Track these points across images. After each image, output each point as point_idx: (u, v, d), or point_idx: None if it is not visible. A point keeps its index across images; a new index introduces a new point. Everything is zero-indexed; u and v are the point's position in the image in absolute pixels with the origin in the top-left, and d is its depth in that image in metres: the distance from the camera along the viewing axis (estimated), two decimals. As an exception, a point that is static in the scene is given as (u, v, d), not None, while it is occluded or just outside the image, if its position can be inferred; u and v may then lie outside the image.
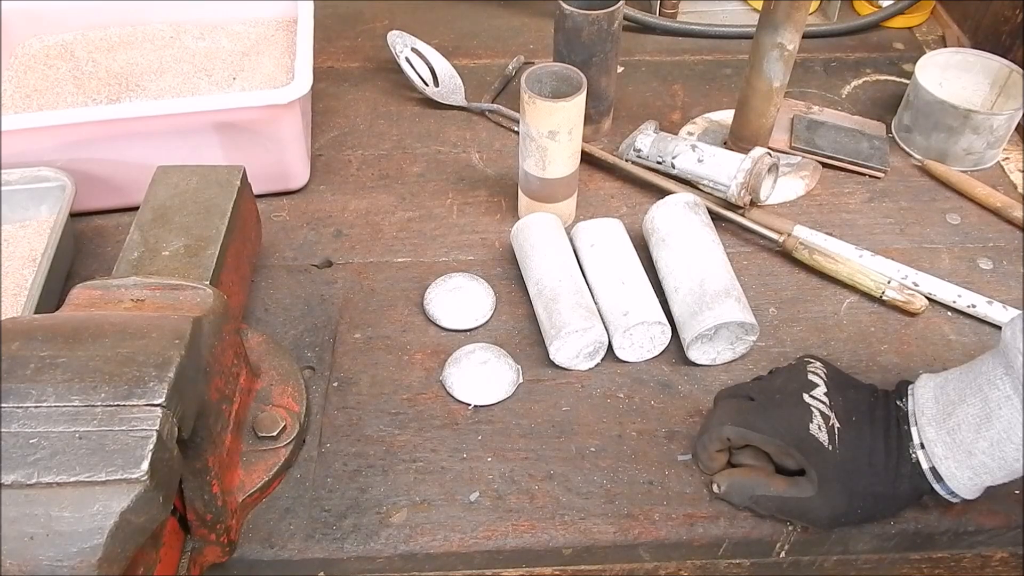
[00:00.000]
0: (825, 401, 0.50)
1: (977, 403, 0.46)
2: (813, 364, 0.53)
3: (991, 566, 0.56)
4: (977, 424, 0.45)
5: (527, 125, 0.63)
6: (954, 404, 0.47)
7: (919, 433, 0.48)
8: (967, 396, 0.46)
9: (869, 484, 0.49)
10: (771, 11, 0.66)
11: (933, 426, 0.47)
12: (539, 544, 0.52)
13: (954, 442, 0.46)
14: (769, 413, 0.51)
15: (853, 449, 0.49)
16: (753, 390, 0.53)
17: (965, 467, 0.46)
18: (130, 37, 0.83)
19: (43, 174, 0.66)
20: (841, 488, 0.49)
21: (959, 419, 0.46)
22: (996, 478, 0.47)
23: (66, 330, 0.42)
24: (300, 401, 0.56)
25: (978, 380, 0.46)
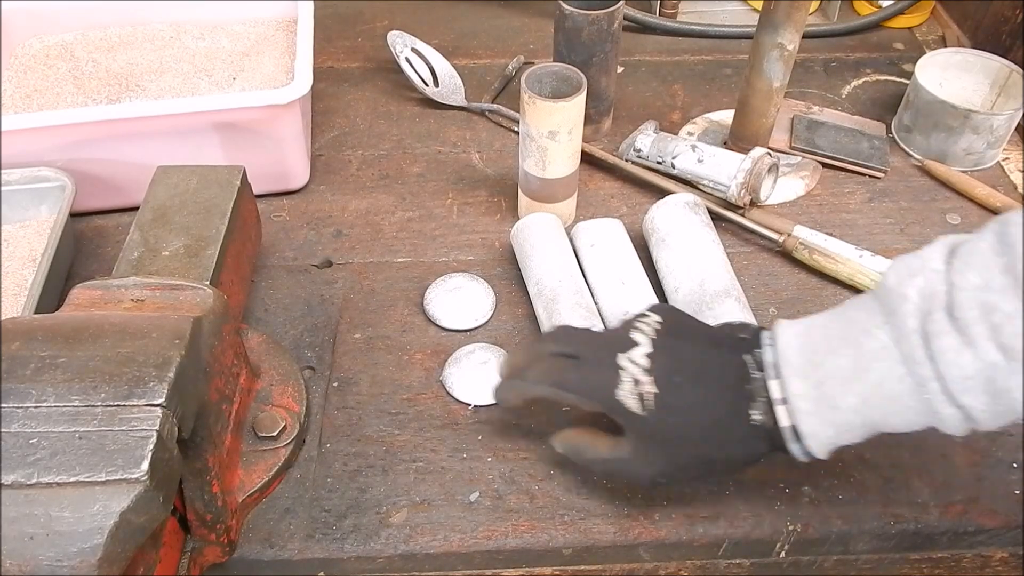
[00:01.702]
0: (642, 364, 0.46)
1: (850, 354, 0.42)
2: (646, 319, 0.49)
3: (991, 566, 0.56)
4: (847, 378, 0.42)
5: (527, 125, 0.63)
6: (823, 355, 0.43)
7: (781, 387, 0.43)
8: (838, 346, 0.42)
9: (692, 448, 0.46)
10: (771, 11, 0.66)
11: (799, 378, 0.43)
12: (539, 544, 0.52)
13: (820, 397, 0.42)
14: (581, 374, 0.48)
15: (672, 414, 0.46)
16: (579, 344, 0.50)
17: (828, 424, 0.43)
18: (130, 37, 0.83)
19: (43, 174, 0.66)
20: (658, 451, 0.46)
21: (827, 371, 0.42)
22: (856, 437, 0.43)
23: (66, 330, 0.42)
24: (300, 401, 0.56)
25: (851, 329, 0.42)
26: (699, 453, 0.46)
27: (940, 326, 0.38)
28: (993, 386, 0.38)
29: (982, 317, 0.38)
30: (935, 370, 0.39)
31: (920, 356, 0.39)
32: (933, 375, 0.39)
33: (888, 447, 0.56)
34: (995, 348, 0.37)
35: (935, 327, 0.39)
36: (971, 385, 0.38)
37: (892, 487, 0.54)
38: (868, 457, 0.55)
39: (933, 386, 0.39)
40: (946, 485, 0.54)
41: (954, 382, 0.39)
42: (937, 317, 0.39)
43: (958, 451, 0.56)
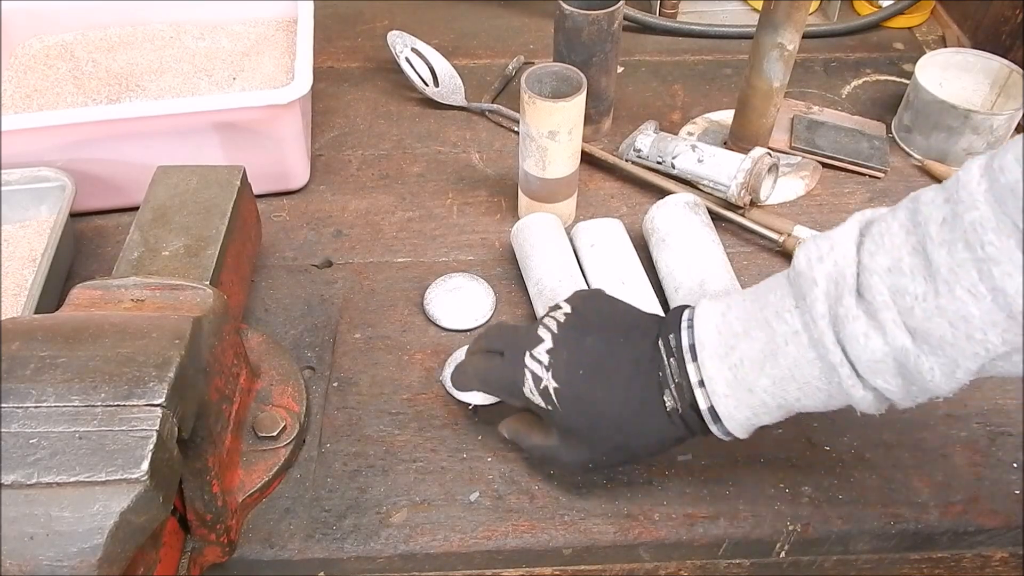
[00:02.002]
0: (543, 360, 0.47)
1: (763, 337, 0.41)
2: (555, 312, 0.49)
3: (991, 566, 0.56)
4: (761, 360, 0.41)
5: (527, 125, 0.63)
6: (738, 337, 0.42)
7: (699, 369, 0.43)
8: (751, 329, 0.42)
9: (607, 438, 0.46)
10: (771, 11, 0.66)
11: (715, 361, 0.43)
12: (539, 544, 0.52)
13: (736, 379, 0.42)
14: (498, 372, 0.50)
15: (578, 407, 0.46)
16: (503, 342, 0.51)
17: (745, 406, 0.42)
18: (130, 37, 0.83)
19: (43, 174, 0.66)
20: (577, 440, 0.47)
21: (742, 354, 0.42)
22: (772, 417, 0.43)
23: (66, 330, 0.42)
24: (300, 401, 0.56)
25: (764, 312, 0.42)
26: (615, 442, 0.47)
27: (849, 311, 0.38)
28: (904, 369, 0.37)
29: (892, 301, 0.37)
30: (845, 355, 0.38)
31: (830, 341, 0.39)
32: (843, 360, 0.39)
33: (888, 447, 0.56)
34: (904, 332, 0.37)
35: (844, 311, 0.38)
36: (882, 368, 0.38)
37: (892, 487, 0.54)
38: (868, 457, 0.55)
39: (844, 371, 0.39)
40: (946, 485, 0.54)
41: (864, 366, 0.38)
42: (846, 302, 0.38)
43: (958, 451, 0.56)
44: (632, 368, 0.46)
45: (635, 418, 0.45)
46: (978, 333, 0.35)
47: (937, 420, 0.57)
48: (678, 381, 0.44)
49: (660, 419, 0.45)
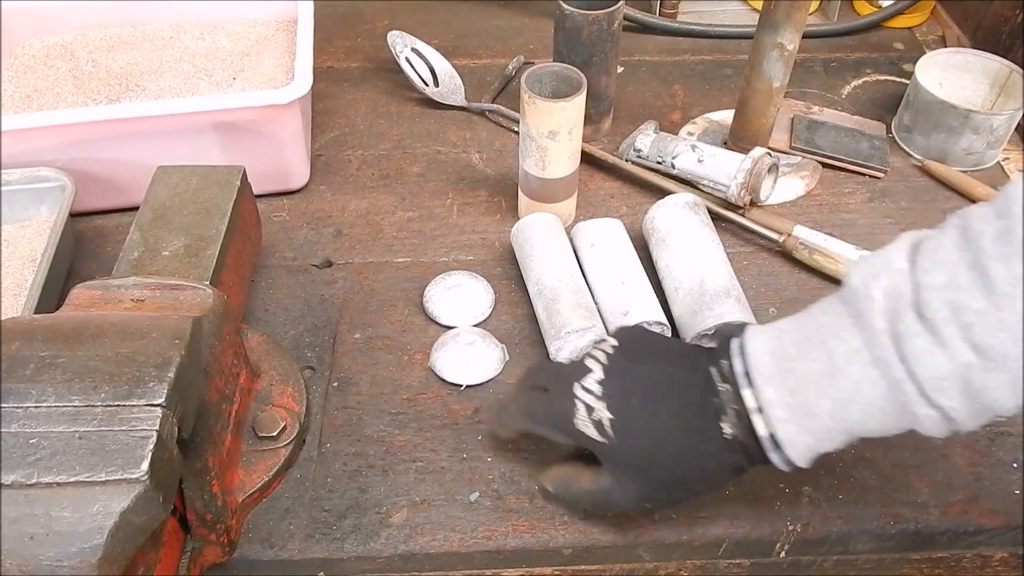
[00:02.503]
0: (595, 391, 0.46)
1: (821, 358, 0.40)
2: (602, 344, 0.49)
3: (991, 566, 0.56)
4: (821, 382, 0.40)
5: (527, 125, 0.63)
6: (794, 360, 0.41)
7: (755, 396, 0.42)
8: (809, 350, 0.41)
9: (664, 470, 0.45)
10: (771, 11, 0.66)
11: (772, 386, 0.42)
12: (539, 544, 0.52)
13: (796, 403, 0.41)
14: (546, 407, 0.49)
15: (633, 437, 0.45)
16: (547, 377, 0.50)
17: (807, 432, 0.41)
18: (130, 37, 0.83)
19: (43, 174, 0.66)
20: (632, 476, 0.45)
21: (801, 377, 0.41)
22: (835, 443, 0.42)
23: (66, 330, 0.42)
24: (300, 401, 0.56)
25: (820, 332, 0.41)
26: (673, 474, 0.45)
27: (910, 327, 0.38)
28: (969, 386, 0.37)
29: (952, 317, 0.37)
30: (908, 372, 0.38)
31: (892, 358, 0.38)
32: (907, 377, 0.38)
33: (888, 447, 0.56)
34: (968, 348, 0.36)
35: (905, 328, 0.38)
36: (947, 386, 0.37)
37: (892, 487, 0.54)
38: (868, 457, 0.55)
39: (908, 387, 0.38)
40: (946, 485, 0.54)
41: (929, 383, 0.38)
42: (906, 318, 0.38)
43: (958, 451, 0.56)
44: (687, 396, 0.44)
45: (694, 447, 0.44)
46: None
47: (937, 420, 0.57)
48: (737, 408, 0.43)
49: (719, 446, 0.43)
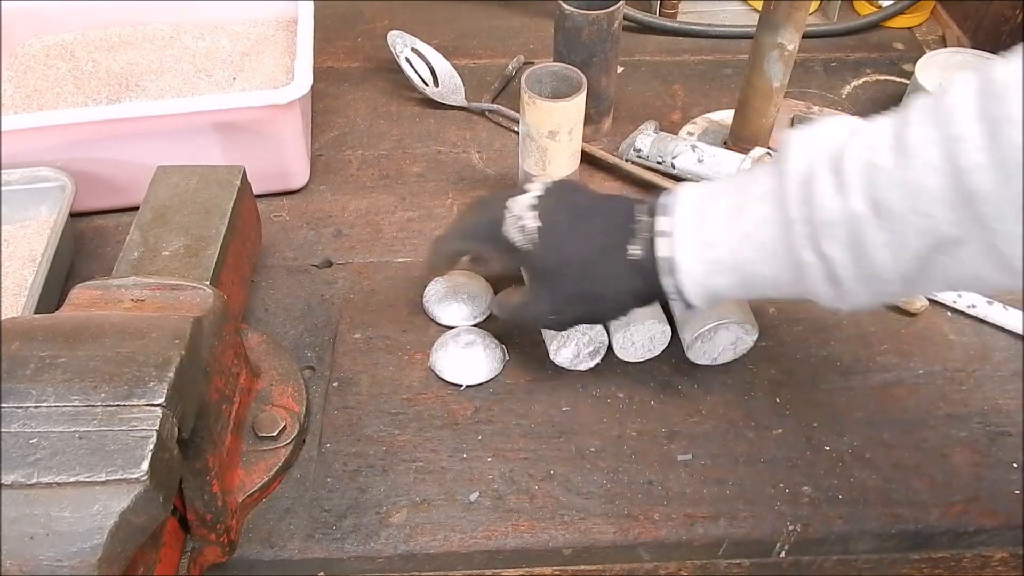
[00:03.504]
0: (528, 203, 0.50)
1: (736, 196, 0.44)
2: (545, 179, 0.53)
3: (991, 566, 0.56)
4: (729, 216, 0.43)
5: (527, 125, 0.63)
6: (714, 197, 0.45)
7: (668, 222, 0.46)
8: (729, 191, 0.44)
9: (572, 282, 0.49)
10: (771, 11, 0.66)
11: (685, 215, 0.45)
12: (539, 544, 0.52)
13: (700, 232, 0.44)
14: (475, 217, 0.54)
15: (552, 247, 0.49)
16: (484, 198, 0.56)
17: (701, 260, 0.44)
18: (130, 37, 0.83)
19: (43, 174, 0.66)
20: (544, 287, 0.50)
21: (712, 211, 0.44)
22: (727, 281, 0.44)
23: (66, 330, 0.42)
24: (300, 401, 0.56)
25: (745, 179, 0.44)
26: (580, 287, 0.49)
27: (822, 174, 0.40)
28: (856, 239, 0.39)
29: (862, 170, 0.39)
30: (804, 212, 0.40)
31: (794, 196, 0.41)
32: (801, 217, 0.40)
33: (888, 447, 0.56)
34: (865, 200, 0.38)
35: (817, 173, 0.40)
36: (834, 232, 0.39)
37: (892, 487, 0.54)
38: (868, 457, 0.55)
39: (799, 228, 0.40)
40: (946, 485, 0.54)
41: (820, 226, 0.40)
42: (821, 166, 0.40)
43: (958, 451, 0.56)
44: (609, 220, 0.48)
45: (601, 262, 0.47)
46: (928, 208, 0.36)
47: (937, 420, 0.57)
48: (648, 234, 0.46)
49: (623, 266, 0.47)
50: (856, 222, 0.39)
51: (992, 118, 0.34)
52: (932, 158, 0.36)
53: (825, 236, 0.40)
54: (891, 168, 0.37)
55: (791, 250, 0.41)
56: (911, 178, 0.37)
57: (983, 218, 0.35)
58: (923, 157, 0.36)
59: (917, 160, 0.37)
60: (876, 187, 0.38)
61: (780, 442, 0.56)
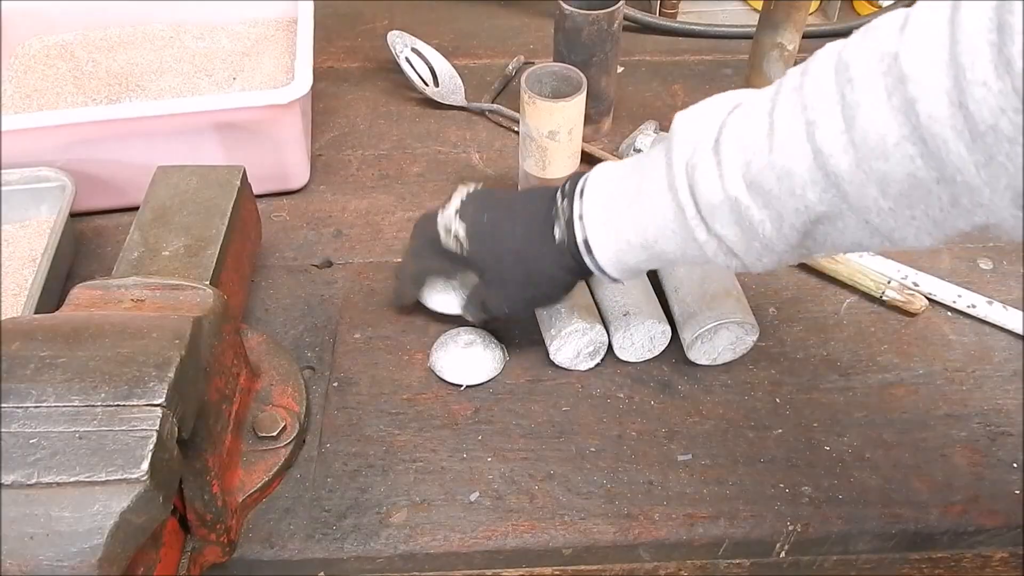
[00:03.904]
0: (452, 212, 0.54)
1: (635, 181, 0.46)
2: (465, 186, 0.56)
3: (991, 566, 0.56)
4: (630, 200, 0.46)
5: (527, 125, 0.63)
6: (616, 182, 0.48)
7: (581, 205, 0.49)
8: (630, 175, 0.47)
9: (510, 272, 0.52)
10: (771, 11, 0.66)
11: (593, 198, 0.48)
12: (539, 544, 0.52)
13: (607, 215, 0.47)
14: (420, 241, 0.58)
15: (483, 244, 0.53)
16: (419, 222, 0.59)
17: (613, 241, 0.47)
18: (130, 37, 0.83)
19: (43, 174, 0.66)
20: (491, 280, 0.54)
21: (616, 194, 0.47)
22: (637, 258, 0.47)
23: (66, 330, 0.42)
24: (300, 401, 0.56)
25: (643, 162, 0.47)
26: (518, 275, 0.52)
27: (703, 157, 0.42)
28: (740, 217, 0.41)
29: (738, 154, 0.40)
30: (691, 198, 0.42)
31: (682, 184, 0.43)
32: (690, 200, 0.42)
33: (888, 447, 0.56)
34: (741, 183, 0.40)
35: (699, 159, 0.42)
36: (720, 214, 0.41)
37: (892, 487, 0.54)
38: (868, 457, 0.55)
39: (689, 211, 0.43)
40: (946, 485, 0.54)
41: (705, 209, 0.42)
42: (703, 151, 0.42)
43: (958, 451, 0.56)
44: (531, 209, 0.52)
45: (531, 248, 0.51)
46: (799, 189, 0.38)
47: (937, 420, 0.57)
48: (567, 217, 0.49)
49: (551, 249, 0.50)
50: (737, 204, 0.40)
51: (847, 102, 0.36)
52: (797, 144, 0.38)
53: (713, 218, 0.42)
54: (764, 152, 0.39)
55: (687, 230, 0.43)
56: (781, 162, 0.38)
57: (848, 196, 0.37)
58: (789, 143, 0.38)
59: (785, 146, 0.38)
60: (751, 170, 0.40)
61: (780, 442, 0.56)
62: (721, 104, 0.44)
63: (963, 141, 0.32)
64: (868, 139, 0.35)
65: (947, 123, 0.32)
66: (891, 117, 0.34)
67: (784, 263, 0.43)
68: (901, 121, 0.34)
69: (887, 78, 0.34)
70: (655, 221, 0.45)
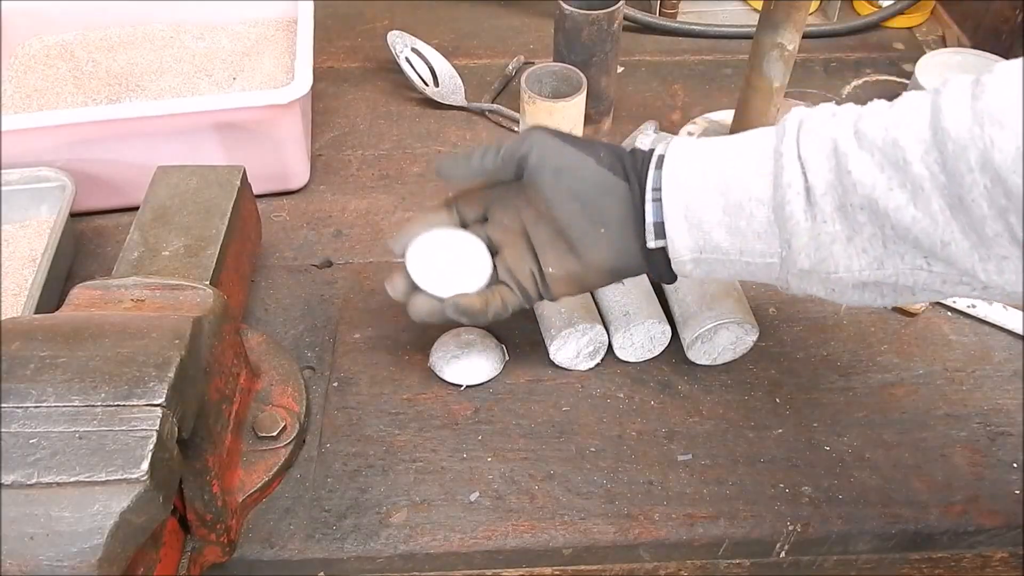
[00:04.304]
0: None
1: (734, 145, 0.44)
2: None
3: (991, 566, 0.56)
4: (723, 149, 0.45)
5: (527, 125, 0.63)
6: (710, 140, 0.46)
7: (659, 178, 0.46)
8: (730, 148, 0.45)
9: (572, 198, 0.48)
10: (771, 11, 0.66)
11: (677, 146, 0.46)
12: (539, 544, 0.52)
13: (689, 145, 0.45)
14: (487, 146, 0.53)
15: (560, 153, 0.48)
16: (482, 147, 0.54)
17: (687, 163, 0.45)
18: (130, 37, 0.83)
19: (43, 174, 0.66)
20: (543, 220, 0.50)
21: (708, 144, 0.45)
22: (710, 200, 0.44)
23: (66, 330, 0.42)
24: (300, 401, 0.56)
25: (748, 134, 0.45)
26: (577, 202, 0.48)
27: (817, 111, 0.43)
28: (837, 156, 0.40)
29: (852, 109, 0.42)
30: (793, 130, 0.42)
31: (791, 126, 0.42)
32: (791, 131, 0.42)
33: (888, 447, 0.56)
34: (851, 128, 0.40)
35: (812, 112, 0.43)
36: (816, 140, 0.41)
37: (892, 487, 0.54)
38: (868, 457, 0.55)
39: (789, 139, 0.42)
40: (946, 485, 0.54)
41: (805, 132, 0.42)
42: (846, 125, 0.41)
43: (958, 451, 0.56)
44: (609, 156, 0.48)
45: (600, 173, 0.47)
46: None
47: (937, 420, 0.57)
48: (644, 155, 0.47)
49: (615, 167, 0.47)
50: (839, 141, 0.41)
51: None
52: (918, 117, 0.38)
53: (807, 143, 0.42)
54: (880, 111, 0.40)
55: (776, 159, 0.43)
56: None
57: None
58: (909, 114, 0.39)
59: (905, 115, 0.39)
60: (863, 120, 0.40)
61: (780, 442, 0.56)
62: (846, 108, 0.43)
63: None
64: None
65: None
66: None
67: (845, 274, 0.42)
68: None
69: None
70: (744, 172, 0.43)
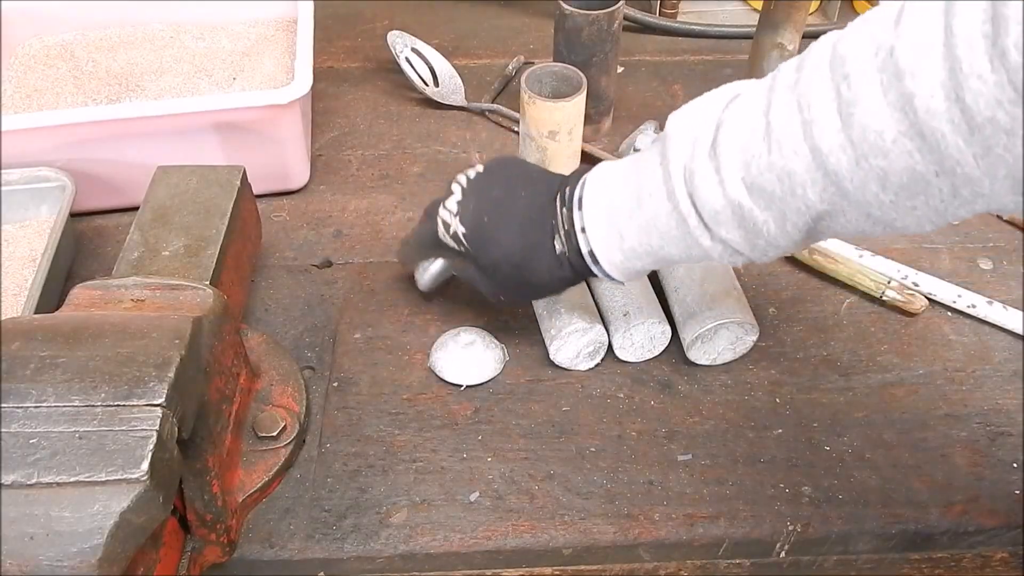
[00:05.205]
0: (452, 209, 0.54)
1: (632, 189, 0.46)
2: (467, 171, 0.56)
3: (991, 566, 0.56)
4: (630, 210, 0.46)
5: (527, 125, 0.63)
6: (615, 189, 0.47)
7: (582, 217, 0.48)
8: (627, 183, 0.46)
9: (508, 275, 0.52)
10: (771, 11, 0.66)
11: (594, 210, 0.48)
12: (539, 544, 0.52)
13: (609, 226, 0.47)
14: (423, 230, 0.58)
15: (482, 247, 0.52)
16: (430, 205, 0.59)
17: (617, 250, 0.47)
18: (130, 37, 0.83)
19: (43, 174, 0.66)
20: (487, 276, 0.54)
21: (616, 204, 0.47)
22: (643, 263, 0.48)
23: (66, 330, 0.42)
24: (300, 401, 0.56)
25: (638, 166, 0.46)
26: (515, 278, 0.52)
27: (701, 164, 0.41)
28: (743, 221, 0.41)
29: (737, 156, 0.40)
30: (693, 206, 0.42)
31: (682, 192, 0.42)
32: (692, 210, 0.42)
33: (888, 447, 0.56)
34: (742, 186, 0.40)
35: (697, 165, 0.41)
36: (723, 219, 0.41)
37: (892, 487, 0.54)
38: (868, 457, 0.55)
39: (692, 220, 0.42)
40: (946, 485, 0.54)
41: (708, 215, 0.42)
42: (699, 156, 0.41)
43: (958, 451, 0.56)
44: (530, 216, 0.51)
45: (530, 259, 0.51)
46: (799, 188, 0.38)
47: (937, 420, 0.57)
48: (567, 228, 0.49)
49: (551, 261, 0.50)
50: (739, 208, 0.40)
51: (843, 100, 0.35)
52: (796, 144, 0.37)
53: (716, 224, 0.42)
54: (762, 153, 0.39)
55: (691, 238, 0.43)
56: (780, 163, 0.38)
57: (849, 193, 0.37)
58: (788, 144, 0.38)
59: (783, 146, 0.38)
60: (751, 173, 0.39)
61: (780, 442, 0.56)
62: (714, 101, 0.43)
63: (961, 134, 0.32)
64: (866, 136, 0.35)
65: (944, 117, 0.32)
66: (888, 113, 0.34)
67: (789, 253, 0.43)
68: (898, 117, 0.34)
69: (883, 74, 0.34)
70: (658, 230, 0.45)
